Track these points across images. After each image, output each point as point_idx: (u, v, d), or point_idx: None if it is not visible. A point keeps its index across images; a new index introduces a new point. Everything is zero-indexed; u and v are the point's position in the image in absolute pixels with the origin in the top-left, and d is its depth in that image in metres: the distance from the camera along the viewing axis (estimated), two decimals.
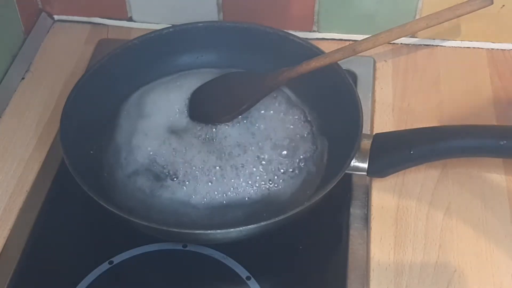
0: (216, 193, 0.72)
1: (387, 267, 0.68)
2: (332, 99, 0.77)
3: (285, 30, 0.82)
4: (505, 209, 0.72)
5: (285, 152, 0.75)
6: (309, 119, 0.79)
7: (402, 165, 0.72)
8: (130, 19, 0.96)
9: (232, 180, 0.73)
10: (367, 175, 0.72)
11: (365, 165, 0.71)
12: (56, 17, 0.98)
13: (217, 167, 0.74)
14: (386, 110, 0.83)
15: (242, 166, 0.73)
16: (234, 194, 0.72)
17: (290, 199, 0.72)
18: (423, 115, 0.81)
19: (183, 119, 0.79)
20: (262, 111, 0.79)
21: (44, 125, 0.82)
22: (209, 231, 0.65)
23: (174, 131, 0.77)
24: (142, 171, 0.74)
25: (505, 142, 0.67)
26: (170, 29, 0.82)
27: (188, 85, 0.82)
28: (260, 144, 0.76)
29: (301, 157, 0.75)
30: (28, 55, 0.91)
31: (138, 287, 0.68)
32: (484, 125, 0.71)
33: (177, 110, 0.79)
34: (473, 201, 0.73)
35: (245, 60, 0.83)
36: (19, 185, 0.76)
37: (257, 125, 0.78)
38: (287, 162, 0.75)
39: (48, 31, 0.96)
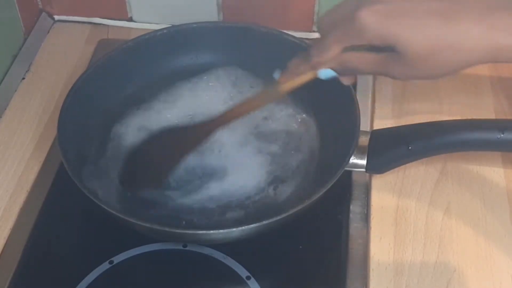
0: (216, 193, 0.72)
1: (386, 266, 0.68)
2: (329, 98, 0.77)
3: (284, 30, 0.82)
4: (505, 209, 0.72)
5: (284, 151, 0.76)
6: (306, 118, 0.79)
7: (401, 161, 0.72)
8: (130, 19, 0.96)
9: (232, 180, 0.73)
10: (365, 171, 0.72)
11: (363, 162, 0.71)
12: (56, 17, 0.98)
13: (217, 167, 0.74)
14: (386, 110, 0.83)
15: (241, 166, 0.74)
16: (234, 193, 0.72)
17: (290, 198, 0.72)
18: (423, 115, 0.81)
19: (181, 121, 0.79)
20: (261, 111, 0.79)
21: (44, 125, 0.82)
22: (210, 231, 0.65)
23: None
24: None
25: (503, 135, 0.67)
26: (165, 31, 0.82)
27: (186, 87, 0.82)
28: (258, 144, 0.76)
29: (300, 156, 0.75)
30: (28, 55, 0.92)
31: (138, 287, 0.68)
32: (481, 119, 0.71)
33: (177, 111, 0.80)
34: (473, 200, 0.73)
35: (241, 60, 0.83)
36: (19, 185, 0.76)
37: (255, 125, 0.78)
38: (286, 161, 0.75)
39: (48, 31, 0.96)
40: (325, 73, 0.63)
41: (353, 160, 0.70)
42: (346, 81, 0.66)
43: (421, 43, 0.57)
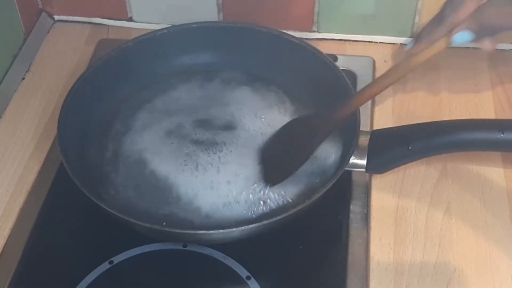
0: (216, 193, 0.72)
1: (386, 266, 0.68)
2: (329, 98, 0.77)
3: (284, 30, 0.82)
4: (505, 209, 0.72)
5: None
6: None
7: (401, 161, 0.72)
8: (130, 19, 0.96)
9: (232, 180, 0.73)
10: (365, 171, 0.72)
11: (363, 162, 0.71)
12: (56, 17, 0.98)
13: (217, 168, 0.74)
14: (386, 110, 0.83)
15: (241, 166, 0.74)
16: (234, 193, 0.72)
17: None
18: (423, 116, 0.81)
19: (181, 121, 0.79)
20: (261, 113, 0.79)
21: (44, 125, 0.82)
22: (210, 231, 0.65)
23: (173, 133, 0.77)
24: (142, 172, 0.74)
25: (502, 135, 0.67)
26: (164, 31, 0.82)
27: (182, 87, 0.82)
28: (259, 143, 0.76)
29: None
30: (28, 55, 0.92)
31: (138, 287, 0.68)
32: (481, 119, 0.71)
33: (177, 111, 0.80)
34: (473, 200, 0.73)
35: (241, 60, 0.83)
36: (19, 185, 0.76)
37: (256, 126, 0.78)
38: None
39: (48, 31, 0.96)
40: (461, 36, 0.59)
41: (353, 160, 0.70)
42: (487, 45, 0.61)
43: None
